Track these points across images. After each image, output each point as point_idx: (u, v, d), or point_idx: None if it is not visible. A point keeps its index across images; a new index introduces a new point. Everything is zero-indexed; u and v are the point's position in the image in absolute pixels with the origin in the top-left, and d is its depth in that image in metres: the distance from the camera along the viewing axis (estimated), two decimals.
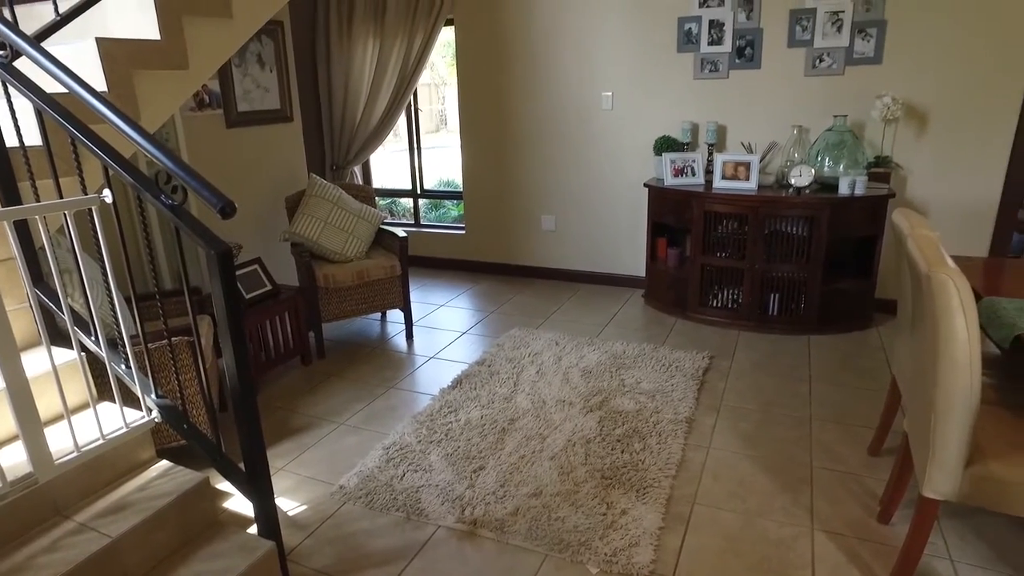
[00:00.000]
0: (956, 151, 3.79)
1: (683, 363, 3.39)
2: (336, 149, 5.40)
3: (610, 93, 4.45)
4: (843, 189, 3.60)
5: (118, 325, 1.91)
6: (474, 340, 3.92)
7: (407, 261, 3.89)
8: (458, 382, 3.29)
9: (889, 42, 3.75)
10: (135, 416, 1.94)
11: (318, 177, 3.97)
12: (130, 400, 2.06)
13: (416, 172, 5.58)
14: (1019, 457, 1.69)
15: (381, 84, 5.04)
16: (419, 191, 5.66)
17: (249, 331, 3.26)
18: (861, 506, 2.32)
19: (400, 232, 3.90)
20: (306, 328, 3.64)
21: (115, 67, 2.14)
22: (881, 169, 3.81)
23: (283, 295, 3.52)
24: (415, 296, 4.75)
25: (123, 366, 2.03)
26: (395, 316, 4.34)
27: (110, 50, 2.12)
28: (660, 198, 4.07)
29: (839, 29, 3.82)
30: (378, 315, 4.36)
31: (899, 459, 2.20)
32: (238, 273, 3.38)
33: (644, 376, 3.26)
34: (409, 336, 4.00)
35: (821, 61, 3.91)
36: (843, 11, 3.79)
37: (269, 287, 3.48)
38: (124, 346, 1.95)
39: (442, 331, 4.09)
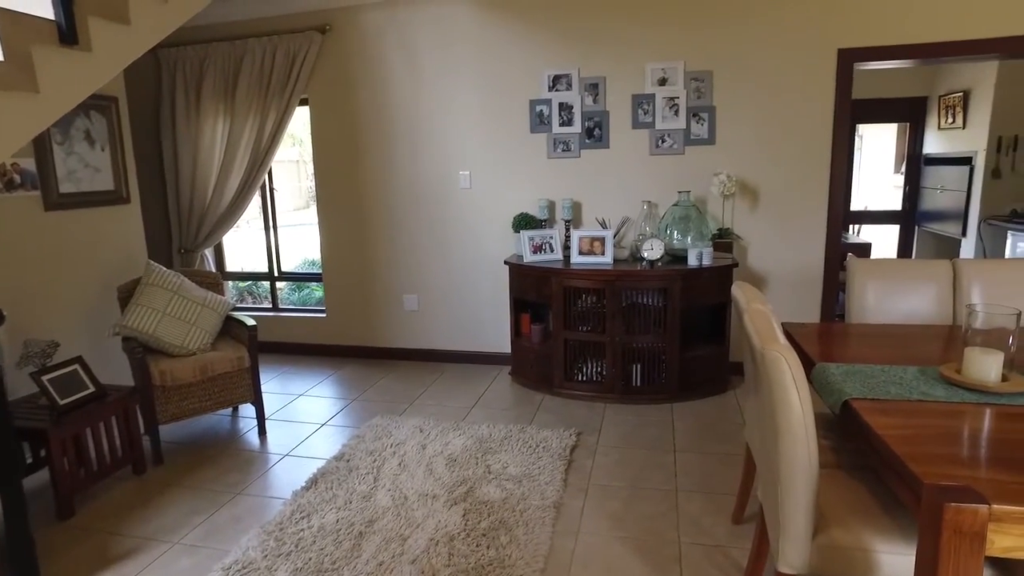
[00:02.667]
0: (784, 223, 4.11)
1: (550, 442, 3.32)
2: (185, 232, 5.05)
3: (468, 172, 4.49)
4: (692, 260, 3.77)
5: None
6: (334, 432, 3.66)
7: (257, 351, 3.61)
8: (313, 482, 3.02)
9: (719, 125, 4.07)
10: None
11: (156, 264, 3.64)
12: None
13: (273, 254, 5.32)
14: (858, 522, 1.72)
15: (233, 163, 4.82)
16: (276, 273, 5.37)
17: (65, 442, 2.83)
18: None
19: (249, 320, 3.63)
20: (140, 432, 3.23)
21: None
22: (724, 240, 4.06)
23: (111, 397, 3.12)
24: (272, 386, 4.42)
25: None
26: (249, 411, 3.99)
27: None
28: (520, 275, 4.09)
29: (676, 113, 4.11)
30: (229, 410, 3.99)
31: (758, 530, 2.21)
32: (53, 375, 2.97)
33: (511, 460, 3.15)
34: (262, 432, 3.66)
35: (663, 141, 4.17)
36: (678, 97, 4.08)
37: (92, 389, 3.08)
38: None
39: (299, 424, 3.80)
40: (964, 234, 6.48)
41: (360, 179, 4.73)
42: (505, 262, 4.20)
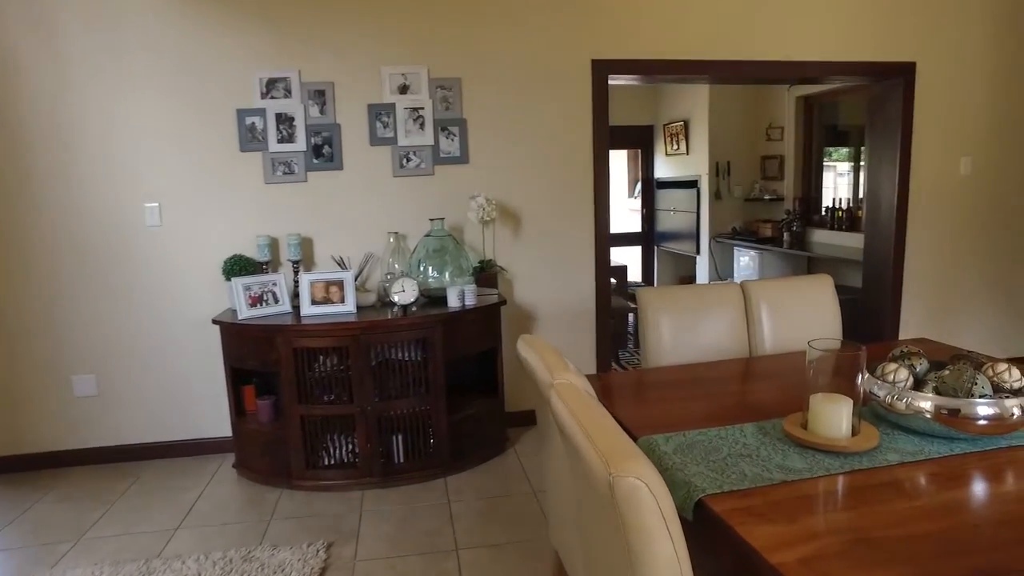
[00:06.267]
0: (550, 249, 3.69)
1: (289, 569, 2.38)
2: None
3: (156, 204, 3.36)
4: (452, 301, 3.13)
5: None
6: None
7: None
8: None
9: (472, 141, 3.53)
10: None
11: None
12: None
13: None
14: None
15: None
16: None
17: None
18: None
19: None
20: None
21: None
22: (488, 273, 3.50)
23: None
24: None
25: None
26: None
27: None
28: (236, 336, 3.08)
29: (422, 126, 3.47)
30: None
31: None
32: None
33: None
34: None
35: (409, 160, 3.49)
36: (423, 108, 3.45)
37: None
38: None
39: None
40: (698, 252, 6.84)
41: None
42: (214, 320, 3.15)
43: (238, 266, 3.26)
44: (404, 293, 3.00)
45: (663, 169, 7.52)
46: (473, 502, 2.91)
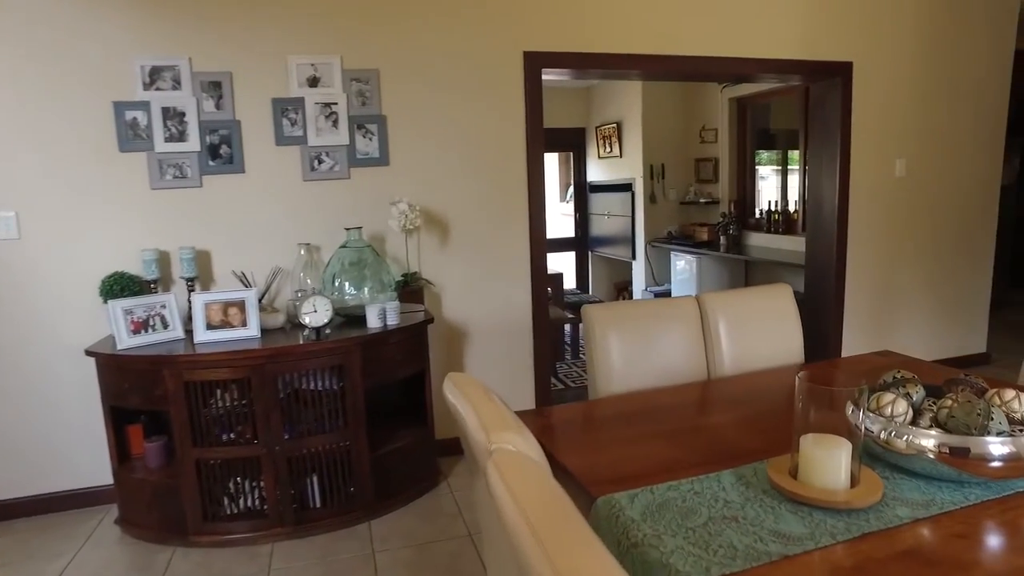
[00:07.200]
0: (481, 258, 3.38)
1: None
2: None
3: (12, 213, 2.83)
4: (373, 321, 2.76)
5: None
6: None
7: None
8: None
9: (393, 140, 3.17)
10: None
11: None
12: None
13: None
14: None
15: None
16: None
17: None
18: None
19: None
20: None
21: None
22: (412, 288, 3.15)
23: None
24: None
25: None
26: None
27: None
28: (116, 369, 2.60)
29: (335, 124, 3.09)
30: None
31: None
32: None
33: None
34: None
35: (321, 162, 3.10)
36: (336, 103, 3.07)
37: None
38: None
39: None
40: (634, 257, 6.67)
41: None
42: (88, 351, 2.66)
43: (119, 285, 2.79)
44: (316, 314, 2.61)
45: (596, 172, 7.33)
46: (401, 550, 2.55)
